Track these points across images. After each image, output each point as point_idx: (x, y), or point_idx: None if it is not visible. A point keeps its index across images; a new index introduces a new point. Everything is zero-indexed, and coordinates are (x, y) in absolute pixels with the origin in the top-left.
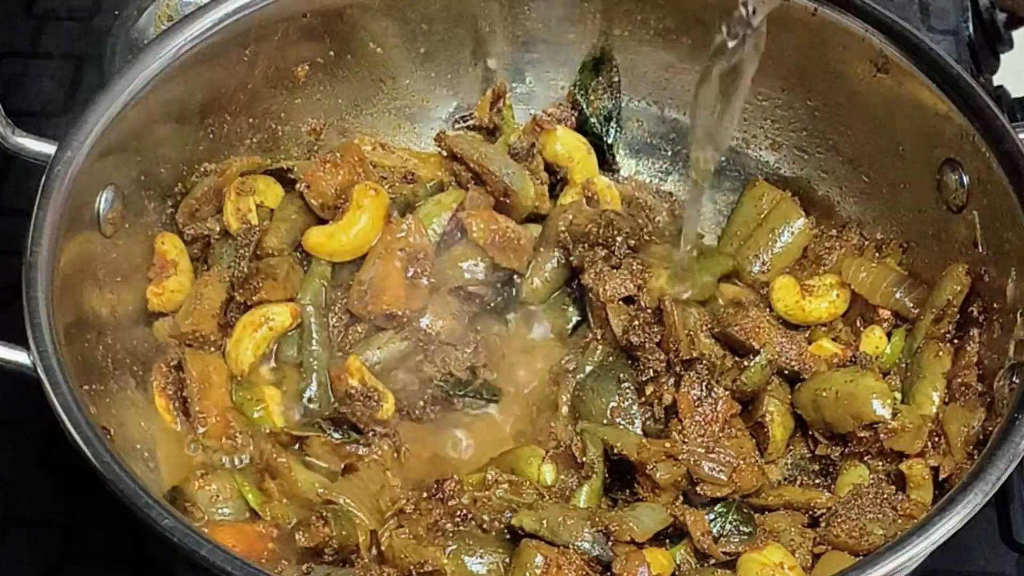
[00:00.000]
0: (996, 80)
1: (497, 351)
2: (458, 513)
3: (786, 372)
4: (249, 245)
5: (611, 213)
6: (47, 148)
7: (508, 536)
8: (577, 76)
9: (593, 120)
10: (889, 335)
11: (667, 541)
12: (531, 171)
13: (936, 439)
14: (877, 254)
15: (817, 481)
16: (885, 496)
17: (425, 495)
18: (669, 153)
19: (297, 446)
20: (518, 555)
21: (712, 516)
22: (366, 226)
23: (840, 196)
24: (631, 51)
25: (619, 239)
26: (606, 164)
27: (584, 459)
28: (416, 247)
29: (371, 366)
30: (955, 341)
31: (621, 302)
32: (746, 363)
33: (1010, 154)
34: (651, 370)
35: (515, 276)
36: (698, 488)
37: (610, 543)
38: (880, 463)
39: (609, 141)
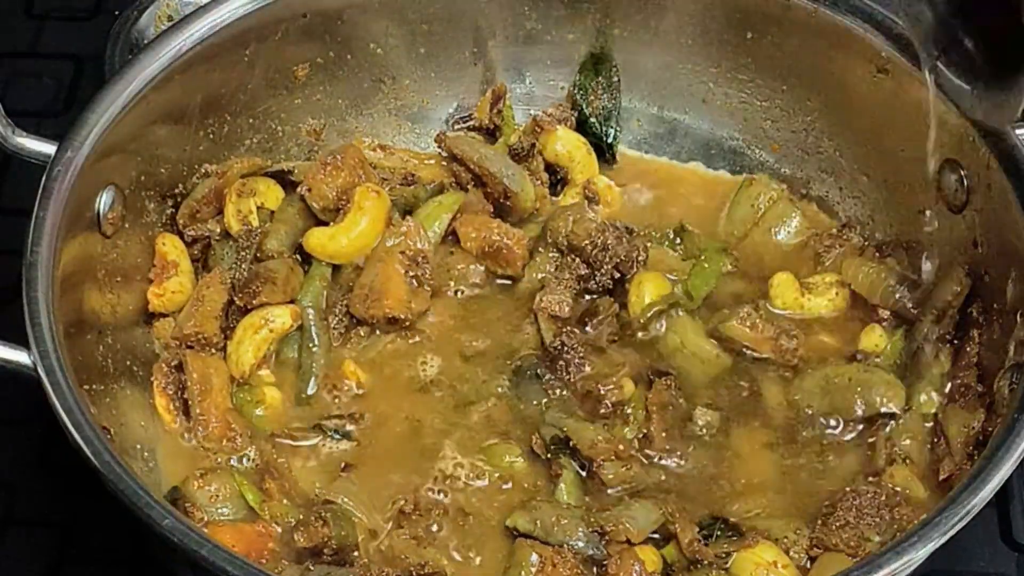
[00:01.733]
0: None
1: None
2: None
3: (783, 368)
4: (250, 247)
5: (610, 235)
6: (47, 148)
7: (506, 535)
8: (577, 76)
9: (593, 120)
10: (889, 335)
11: (656, 535)
12: (531, 171)
13: (936, 440)
14: (877, 254)
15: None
16: (884, 498)
17: (427, 491)
18: (669, 153)
19: (298, 446)
20: (514, 553)
21: (699, 528)
22: (367, 228)
23: (840, 196)
24: (631, 51)
25: (607, 266)
26: (605, 164)
27: (547, 455)
28: (416, 250)
29: (373, 366)
30: (955, 342)
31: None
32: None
33: (1010, 154)
34: (570, 372)
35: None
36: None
37: (603, 542)
38: (883, 461)
39: (609, 141)
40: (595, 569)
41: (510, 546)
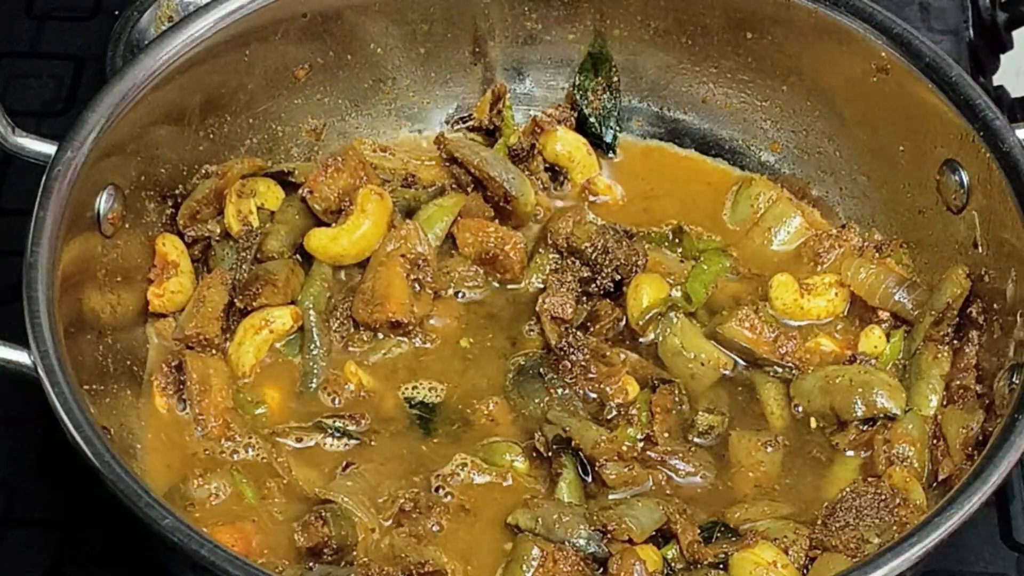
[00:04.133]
0: (996, 80)
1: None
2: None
3: (782, 369)
4: (250, 248)
5: (610, 238)
6: (47, 148)
7: (507, 532)
8: (576, 76)
9: (592, 120)
10: (888, 336)
11: (656, 534)
12: (531, 171)
13: (935, 441)
14: (877, 255)
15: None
16: (883, 499)
17: (428, 490)
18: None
19: (298, 445)
20: (515, 548)
21: (699, 528)
22: (368, 231)
23: (840, 196)
24: (631, 51)
25: (607, 269)
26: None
27: (548, 454)
28: (417, 253)
29: (373, 368)
30: (954, 343)
31: (552, 319)
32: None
33: (1010, 154)
34: (575, 374)
35: None
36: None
37: (605, 541)
38: (882, 463)
39: (608, 141)
40: (596, 567)
41: (511, 543)
